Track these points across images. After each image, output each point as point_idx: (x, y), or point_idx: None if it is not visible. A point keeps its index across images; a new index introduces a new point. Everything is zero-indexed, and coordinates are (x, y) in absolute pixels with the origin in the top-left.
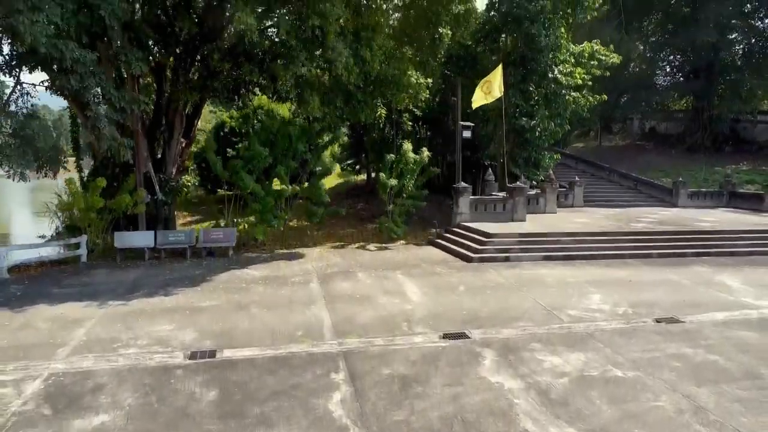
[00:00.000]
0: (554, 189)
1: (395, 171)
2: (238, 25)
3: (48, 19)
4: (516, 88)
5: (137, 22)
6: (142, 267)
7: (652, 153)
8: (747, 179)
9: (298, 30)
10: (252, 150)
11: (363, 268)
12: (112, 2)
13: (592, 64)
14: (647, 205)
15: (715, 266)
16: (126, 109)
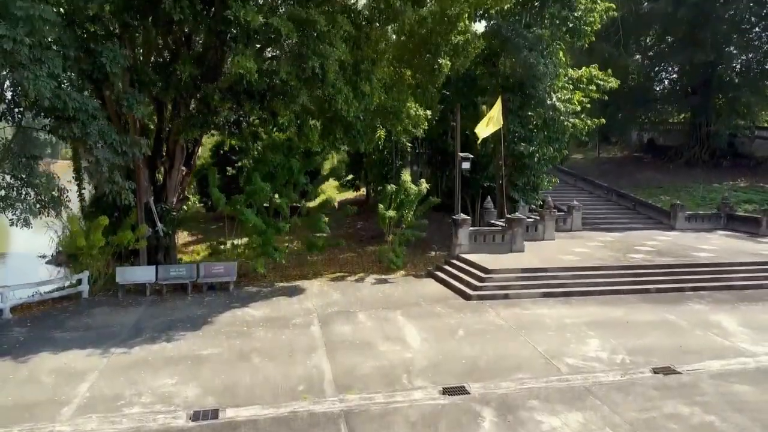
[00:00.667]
0: (552, 216)
1: (394, 202)
2: (237, 69)
3: (50, 71)
4: (515, 114)
5: (138, 65)
6: (143, 305)
7: (651, 167)
8: (744, 198)
9: (299, 70)
10: (254, 185)
11: (363, 308)
12: (114, 49)
13: (591, 89)
14: (645, 227)
15: (711, 303)
16: (128, 152)
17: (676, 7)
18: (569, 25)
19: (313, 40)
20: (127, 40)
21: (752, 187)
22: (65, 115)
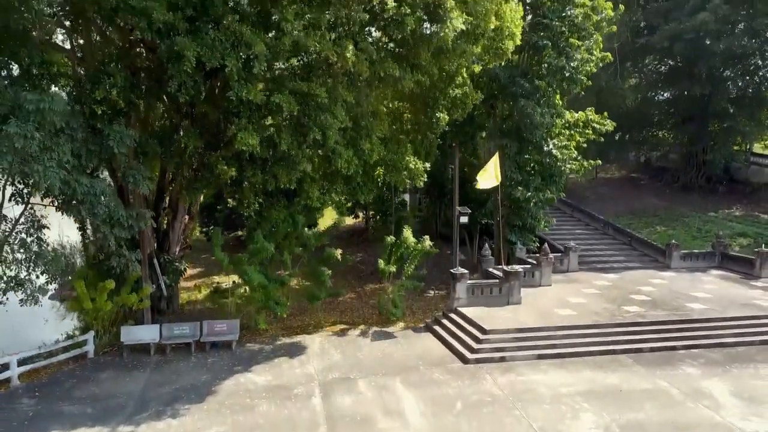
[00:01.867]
0: (549, 262)
1: (394, 255)
2: (240, 146)
3: (59, 160)
4: (512, 160)
5: (143, 137)
6: (148, 368)
7: (648, 191)
8: (739, 230)
9: (300, 139)
10: (257, 244)
11: (363, 373)
12: (120, 130)
13: (587, 132)
14: (641, 266)
15: (704, 365)
16: (134, 226)
17: (672, 42)
18: (565, 75)
19: (314, 110)
20: (132, 114)
21: (747, 216)
22: (74, 198)
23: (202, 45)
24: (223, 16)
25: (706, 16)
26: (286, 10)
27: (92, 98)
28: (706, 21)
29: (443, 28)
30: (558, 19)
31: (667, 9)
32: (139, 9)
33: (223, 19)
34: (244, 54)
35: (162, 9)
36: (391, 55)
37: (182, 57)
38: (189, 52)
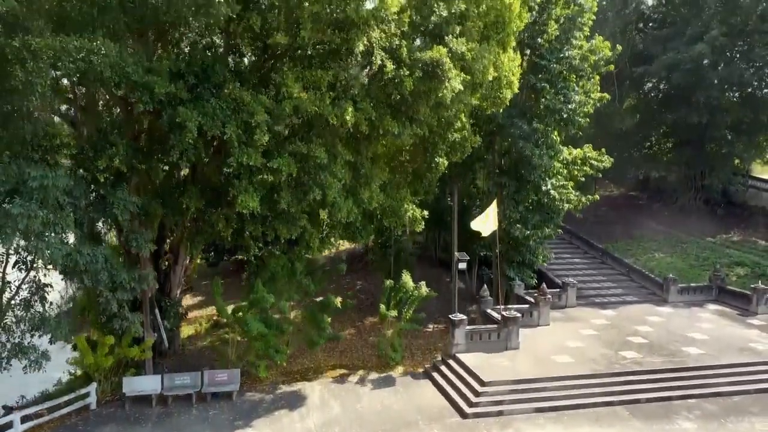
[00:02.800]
0: (547, 302)
1: (394, 299)
2: (240, 208)
3: (63, 233)
4: (510, 198)
5: (145, 199)
6: (150, 422)
7: (646, 212)
8: (737, 258)
9: (300, 197)
10: (257, 293)
11: (363, 430)
12: (123, 197)
13: (585, 169)
14: (639, 300)
15: (700, 419)
16: (136, 288)
17: (670, 71)
18: (563, 116)
19: (314, 169)
20: (134, 177)
21: (745, 242)
22: (76, 267)
23: (203, 113)
24: (224, 82)
25: (703, 47)
26: (287, 76)
27: (95, 166)
28: (703, 52)
29: (441, 88)
30: (556, 60)
31: (665, 36)
32: (141, 84)
33: (224, 85)
34: (245, 120)
35: (164, 82)
36: (389, 111)
37: (184, 127)
38: (191, 123)
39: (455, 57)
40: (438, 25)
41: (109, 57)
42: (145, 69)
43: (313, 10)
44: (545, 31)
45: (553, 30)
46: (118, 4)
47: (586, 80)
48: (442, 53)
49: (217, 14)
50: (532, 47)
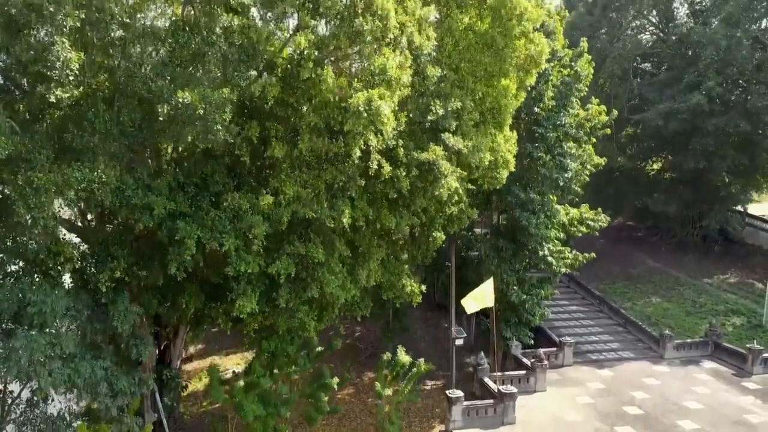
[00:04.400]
0: (544, 369)
1: (391, 374)
2: (239, 311)
3: (63, 361)
4: (507, 262)
5: (146, 299)
6: None
7: (644, 247)
8: (732, 305)
9: (299, 292)
10: (254, 375)
11: None
12: (124, 307)
13: (581, 228)
14: (635, 356)
15: None
16: (136, 392)
17: (666, 120)
18: (560, 184)
19: (312, 267)
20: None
21: (742, 284)
22: (77, 384)
23: (202, 226)
24: (223, 190)
25: (700, 98)
26: (284, 183)
27: (96, 278)
28: (700, 103)
29: (438, 186)
30: (552, 127)
31: (662, 81)
32: (141, 206)
33: (223, 193)
34: (243, 231)
35: (163, 201)
36: (386, 205)
37: (183, 243)
38: (190, 240)
39: (451, 151)
40: (435, 122)
41: (109, 184)
42: (145, 187)
43: (311, 122)
44: (542, 99)
45: (549, 99)
46: (119, 132)
47: (582, 145)
48: (438, 153)
49: (216, 139)
50: (528, 115)
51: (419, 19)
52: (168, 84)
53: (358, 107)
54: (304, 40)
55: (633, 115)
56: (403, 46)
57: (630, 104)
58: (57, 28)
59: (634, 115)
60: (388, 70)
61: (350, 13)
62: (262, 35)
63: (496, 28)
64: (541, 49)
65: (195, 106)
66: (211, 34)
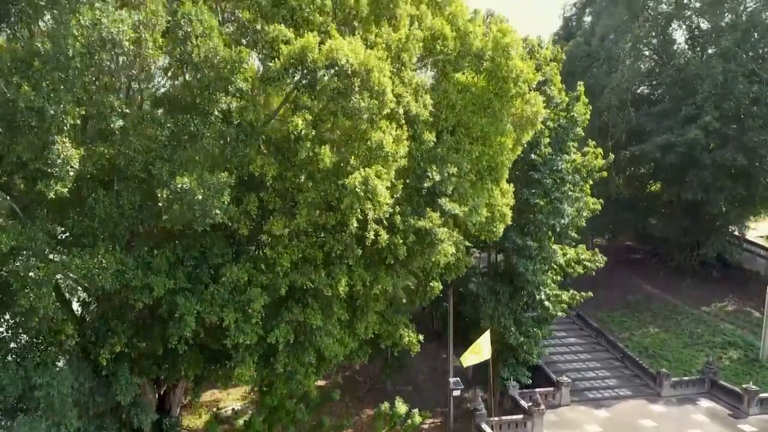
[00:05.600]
0: (540, 413)
1: (388, 425)
2: (237, 380)
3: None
4: (504, 306)
5: (147, 365)
6: None
7: (642, 271)
8: (730, 337)
9: (299, 354)
10: (254, 430)
11: None
12: (125, 381)
13: (578, 269)
14: (632, 394)
15: None
16: None
17: (664, 153)
18: (557, 230)
19: (310, 332)
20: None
21: (740, 312)
22: None
23: (201, 300)
24: (223, 261)
25: (697, 132)
26: (282, 256)
27: (97, 352)
28: (697, 137)
29: (435, 252)
30: (549, 172)
31: (659, 113)
32: (141, 287)
33: (221, 267)
34: (242, 304)
35: (163, 280)
36: (383, 268)
37: (183, 319)
38: (189, 316)
39: (448, 215)
40: (431, 187)
41: (109, 268)
42: (145, 265)
43: (309, 198)
44: (539, 145)
45: (546, 145)
46: (119, 214)
47: (579, 188)
48: (435, 220)
49: (215, 220)
50: (525, 160)
51: (416, 86)
52: (167, 166)
53: (355, 187)
54: (301, 121)
55: (631, 144)
56: (399, 116)
57: (628, 130)
58: (57, 128)
59: (632, 145)
60: (385, 146)
61: (347, 90)
62: (260, 115)
63: (492, 90)
64: (537, 110)
65: (194, 191)
66: (209, 115)
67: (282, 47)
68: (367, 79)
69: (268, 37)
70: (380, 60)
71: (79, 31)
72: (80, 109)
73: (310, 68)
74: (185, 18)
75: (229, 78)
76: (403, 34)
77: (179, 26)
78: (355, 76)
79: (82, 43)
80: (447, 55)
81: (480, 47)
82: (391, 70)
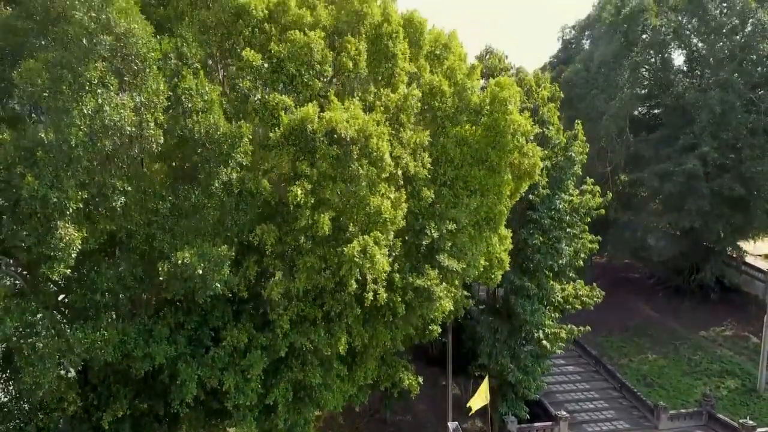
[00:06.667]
0: None
1: None
2: None
3: None
4: (503, 344)
5: (147, 423)
6: None
7: (641, 292)
8: (728, 365)
9: (298, 413)
10: None
11: None
12: None
13: (576, 305)
14: (631, 426)
15: None
16: None
17: (662, 182)
18: (555, 270)
19: (310, 387)
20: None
21: (738, 338)
22: None
23: (201, 364)
24: (224, 323)
25: (695, 162)
26: (282, 318)
27: (99, 416)
28: (695, 168)
29: (432, 309)
30: (547, 212)
31: (658, 140)
32: (141, 356)
33: (222, 329)
34: (243, 368)
35: (164, 347)
36: (382, 323)
37: (184, 385)
38: (191, 382)
39: (446, 271)
40: (430, 244)
41: (112, 342)
42: (146, 333)
43: (308, 263)
44: (536, 186)
45: (544, 186)
46: (121, 287)
47: (577, 227)
48: (433, 278)
49: (215, 292)
50: (523, 200)
51: (414, 146)
52: (168, 237)
53: (354, 257)
54: (300, 191)
55: (630, 167)
56: (398, 177)
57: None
58: (60, 213)
59: (630, 169)
60: (384, 212)
61: (346, 157)
62: (258, 184)
63: (490, 143)
64: (534, 162)
65: (194, 266)
66: (210, 186)
67: (282, 115)
68: (366, 145)
69: (269, 105)
70: (379, 124)
71: (82, 120)
72: (82, 192)
73: (309, 137)
74: (186, 93)
75: (229, 153)
76: (402, 93)
77: (180, 102)
78: (353, 143)
79: (85, 132)
80: (445, 111)
81: (478, 102)
82: (389, 132)
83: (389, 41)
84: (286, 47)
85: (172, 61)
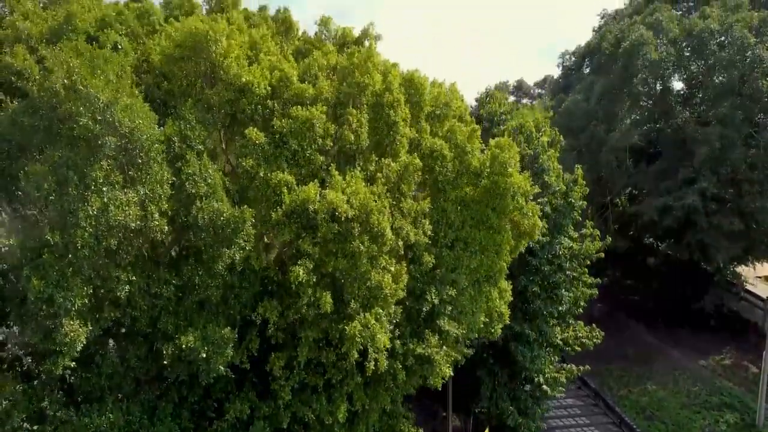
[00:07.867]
0: None
1: None
2: None
3: None
4: (503, 387)
5: None
6: None
7: (641, 315)
8: (727, 397)
9: None
10: None
11: None
12: None
13: (576, 348)
14: None
15: None
16: None
17: (662, 216)
18: (555, 316)
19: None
20: None
21: (737, 367)
22: None
23: None
24: (227, 394)
25: (694, 198)
26: (284, 389)
27: None
28: (694, 203)
29: (433, 374)
30: (546, 257)
31: (658, 173)
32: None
33: (224, 402)
34: None
35: (167, 425)
36: (384, 387)
37: None
38: None
39: (446, 335)
40: (430, 310)
41: (117, 424)
42: (150, 410)
43: (310, 337)
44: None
45: (544, 233)
46: (125, 369)
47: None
48: (433, 344)
49: (218, 374)
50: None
51: (415, 215)
52: (172, 319)
53: (355, 336)
54: (302, 271)
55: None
56: (399, 248)
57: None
58: (66, 311)
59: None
60: (384, 287)
61: (347, 234)
62: (261, 262)
63: (489, 205)
64: (534, 223)
65: (198, 349)
66: (213, 267)
67: (284, 193)
68: (367, 221)
69: (271, 183)
70: (380, 197)
71: (87, 221)
72: (87, 288)
73: (311, 216)
74: (190, 179)
75: (232, 239)
76: (403, 162)
77: (183, 188)
78: (354, 221)
79: (90, 233)
80: (446, 176)
81: (478, 166)
82: (390, 203)
83: (390, 110)
84: (288, 123)
85: (176, 144)
